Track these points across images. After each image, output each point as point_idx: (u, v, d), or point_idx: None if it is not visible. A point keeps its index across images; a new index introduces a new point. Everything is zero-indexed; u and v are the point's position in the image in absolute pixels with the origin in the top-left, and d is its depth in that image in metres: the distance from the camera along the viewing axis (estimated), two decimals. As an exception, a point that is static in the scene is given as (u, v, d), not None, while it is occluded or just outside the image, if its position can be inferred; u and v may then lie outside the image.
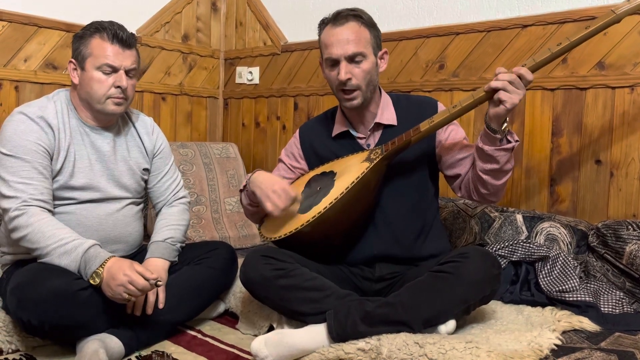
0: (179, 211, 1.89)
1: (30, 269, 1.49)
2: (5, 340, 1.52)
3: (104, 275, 1.47)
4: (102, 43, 1.65)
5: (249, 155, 3.09)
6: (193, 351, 1.58)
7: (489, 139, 1.52)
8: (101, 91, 1.65)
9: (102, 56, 1.64)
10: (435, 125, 1.58)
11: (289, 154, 1.89)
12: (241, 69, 3.12)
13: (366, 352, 1.38)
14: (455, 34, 2.28)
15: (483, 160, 1.55)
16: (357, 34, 1.63)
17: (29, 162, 1.57)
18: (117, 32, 1.66)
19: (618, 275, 1.77)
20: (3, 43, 2.36)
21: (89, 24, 1.71)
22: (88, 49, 1.65)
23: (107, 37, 1.65)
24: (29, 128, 1.60)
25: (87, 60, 1.65)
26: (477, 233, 2.04)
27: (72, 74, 1.70)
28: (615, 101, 1.92)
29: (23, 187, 1.55)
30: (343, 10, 1.68)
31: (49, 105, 1.67)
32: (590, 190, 1.98)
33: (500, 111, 1.46)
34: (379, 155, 1.62)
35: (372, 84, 1.68)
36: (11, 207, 1.53)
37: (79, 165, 1.67)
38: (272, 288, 1.56)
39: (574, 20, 1.98)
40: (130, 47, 1.69)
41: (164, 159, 1.90)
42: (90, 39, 1.66)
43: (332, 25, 1.66)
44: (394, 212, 1.70)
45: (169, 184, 1.91)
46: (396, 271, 1.69)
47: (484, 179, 1.57)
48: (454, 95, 2.29)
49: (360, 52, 1.62)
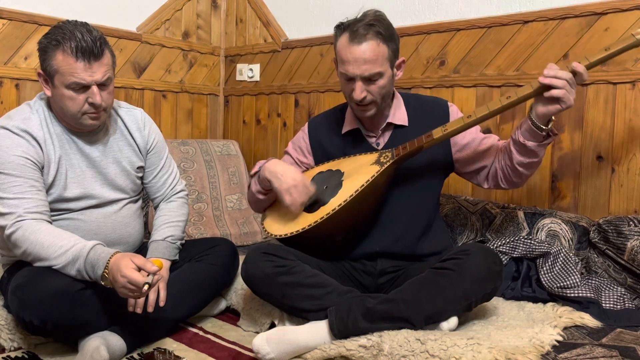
0: (178, 206, 1.86)
1: (31, 269, 1.48)
2: (7, 338, 1.53)
3: (109, 275, 1.44)
4: (66, 59, 1.50)
5: (250, 153, 3.09)
6: (195, 348, 1.59)
7: (533, 136, 1.52)
8: (74, 108, 1.55)
9: (69, 74, 1.51)
10: (448, 134, 1.58)
11: (297, 147, 1.87)
12: (242, 66, 3.12)
13: (367, 349, 1.39)
14: (456, 30, 2.28)
15: (523, 155, 1.56)
16: (375, 53, 1.56)
17: (20, 177, 1.51)
18: (80, 43, 1.49)
19: (619, 271, 1.77)
20: (3, 41, 2.36)
21: (51, 30, 1.55)
22: (54, 65, 1.52)
23: (70, 51, 1.49)
24: (15, 142, 1.53)
25: (55, 77, 1.53)
26: (478, 229, 2.04)
27: (44, 87, 1.59)
28: (617, 97, 1.92)
29: (17, 203, 1.49)
30: (361, 22, 1.58)
31: (32, 117, 1.59)
32: (592, 186, 1.98)
33: (554, 110, 1.46)
34: (389, 160, 1.61)
35: (388, 95, 1.67)
36: (7, 224, 1.49)
37: (71, 176, 1.62)
38: (273, 285, 1.56)
39: (575, 16, 1.98)
40: (98, 57, 1.53)
41: (158, 154, 1.84)
42: (54, 53, 1.51)
43: (350, 41, 1.58)
44: (399, 212, 1.70)
45: (165, 178, 1.86)
46: (398, 265, 1.69)
47: (520, 170, 1.59)
48: (454, 92, 2.29)
49: (377, 72, 1.58)
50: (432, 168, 1.72)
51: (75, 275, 1.46)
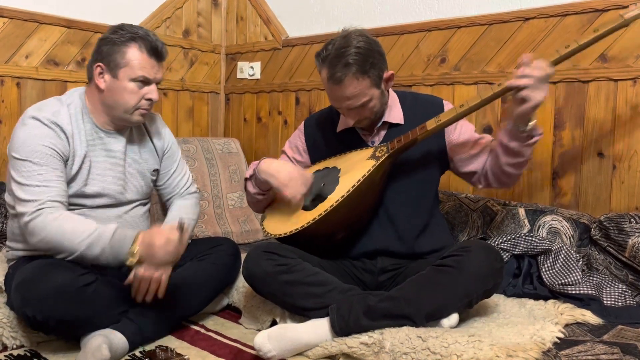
0: (192, 205, 1.90)
1: (34, 265, 1.49)
2: (9, 336, 1.53)
3: (140, 248, 1.50)
4: (140, 54, 1.61)
5: (250, 151, 3.09)
6: (196, 346, 1.59)
7: (515, 137, 1.52)
8: (132, 102, 1.63)
9: (140, 68, 1.60)
10: (442, 124, 1.58)
11: (293, 146, 1.88)
12: (242, 64, 3.12)
13: (369, 346, 1.39)
14: (457, 28, 2.27)
15: (509, 156, 1.56)
16: (356, 90, 1.55)
17: (46, 166, 1.54)
18: (156, 44, 1.63)
19: (621, 268, 1.77)
20: (4, 40, 2.36)
21: (118, 27, 1.65)
22: (124, 58, 1.60)
23: (146, 48, 1.61)
24: (43, 133, 1.56)
25: (122, 69, 1.60)
26: (479, 227, 2.04)
27: (97, 79, 1.63)
28: (618, 94, 1.91)
29: (41, 190, 1.51)
30: (339, 62, 1.51)
31: (62, 110, 1.62)
32: (593, 183, 1.98)
33: (526, 109, 1.45)
34: (385, 153, 1.62)
35: (381, 108, 1.67)
36: (27, 211, 1.50)
37: (93, 173, 1.65)
38: (274, 283, 1.56)
39: (576, 12, 1.97)
40: (164, 59, 1.67)
41: (172, 157, 1.90)
42: (126, 47, 1.60)
43: (329, 80, 1.55)
44: (397, 209, 1.70)
45: (179, 179, 1.91)
46: (398, 263, 1.69)
47: (508, 171, 1.60)
48: (455, 89, 2.29)
49: (363, 103, 1.58)
50: (427, 162, 1.72)
51: (98, 256, 1.49)
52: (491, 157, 1.64)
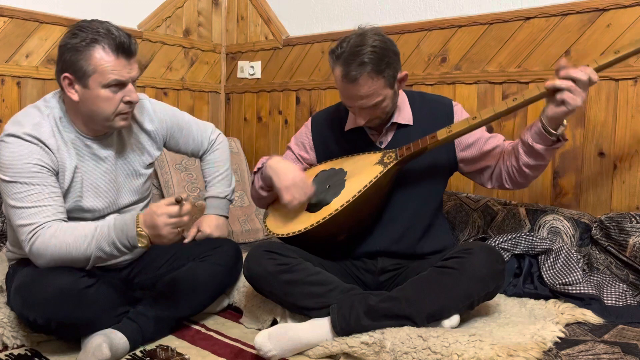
0: (221, 154, 1.96)
1: (34, 267, 1.48)
2: (10, 336, 1.53)
3: (146, 231, 1.42)
4: (105, 57, 1.44)
5: (251, 150, 3.09)
6: (197, 345, 1.59)
7: (542, 139, 1.51)
8: (110, 109, 1.49)
9: (110, 72, 1.45)
10: (453, 136, 1.58)
11: (299, 143, 1.86)
12: (243, 63, 3.12)
13: (370, 346, 1.39)
14: (458, 27, 2.27)
15: (530, 157, 1.55)
16: (370, 89, 1.53)
17: (37, 185, 1.45)
18: (121, 40, 1.46)
19: (621, 268, 1.77)
20: (5, 39, 2.36)
21: (77, 28, 1.47)
22: (90, 64, 1.44)
23: (111, 48, 1.45)
24: (28, 150, 1.45)
25: (91, 77, 1.45)
26: (480, 226, 2.04)
27: (68, 90, 1.48)
28: (619, 93, 1.91)
29: (36, 211, 1.43)
30: (354, 60, 1.50)
31: (42, 124, 1.50)
32: (594, 183, 1.98)
33: (561, 112, 1.44)
34: (393, 160, 1.61)
35: (392, 108, 1.66)
36: (25, 238, 1.43)
37: (86, 184, 1.57)
38: (275, 283, 1.56)
39: (577, 12, 1.97)
40: (134, 54, 1.50)
41: (175, 126, 1.81)
42: (90, 52, 1.44)
43: (343, 78, 1.53)
44: (401, 212, 1.69)
45: (194, 136, 1.89)
46: (399, 263, 1.69)
47: (526, 172, 1.58)
48: (456, 89, 2.29)
49: (376, 102, 1.56)
50: (435, 169, 1.71)
51: (111, 251, 1.44)
52: (508, 157, 1.63)
